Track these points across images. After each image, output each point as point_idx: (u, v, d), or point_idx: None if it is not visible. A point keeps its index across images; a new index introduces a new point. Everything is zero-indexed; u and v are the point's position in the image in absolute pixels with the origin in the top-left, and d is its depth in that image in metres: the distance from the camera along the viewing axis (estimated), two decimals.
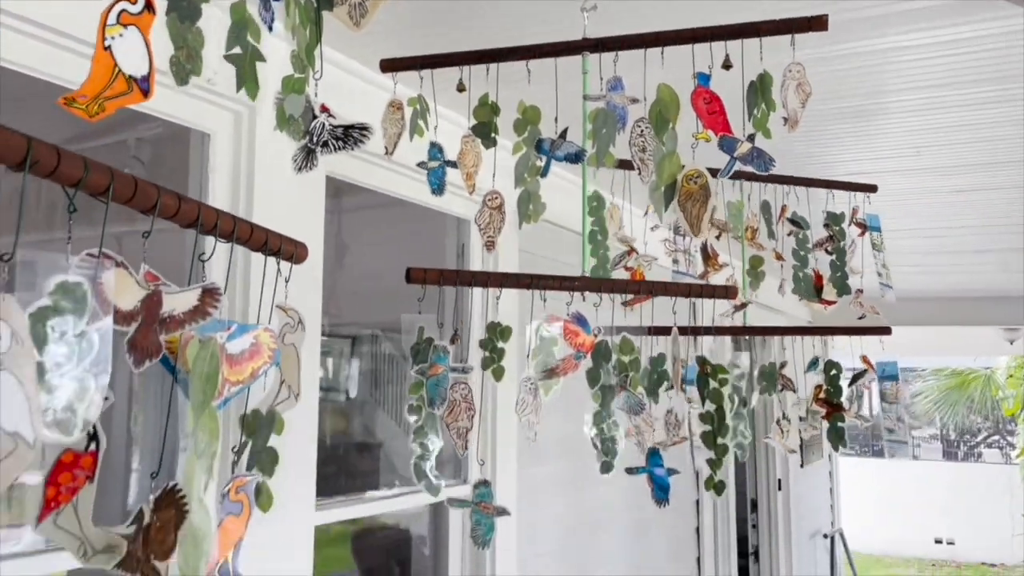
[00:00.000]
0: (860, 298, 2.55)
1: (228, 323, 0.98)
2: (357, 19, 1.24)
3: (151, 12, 0.86)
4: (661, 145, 1.72)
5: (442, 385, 1.57)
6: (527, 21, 1.98)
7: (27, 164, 0.72)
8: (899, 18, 1.89)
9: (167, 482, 0.88)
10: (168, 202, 0.88)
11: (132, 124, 2.03)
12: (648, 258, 2.43)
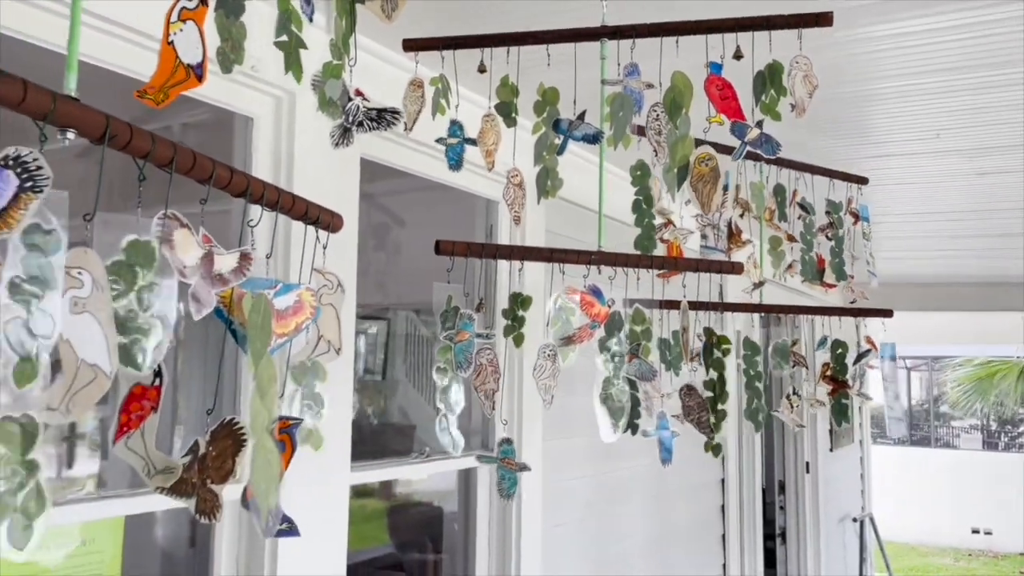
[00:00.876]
0: (852, 283, 2.67)
1: (274, 282, 1.12)
2: (389, 12, 1.36)
3: (204, 5, 0.99)
4: (675, 128, 1.83)
5: (468, 350, 1.69)
6: (544, 8, 2.08)
7: (106, 138, 0.86)
8: (911, 4, 1.97)
9: (225, 416, 1.02)
10: (222, 173, 1.01)
11: (177, 111, 2.17)
12: (684, 231, 2.51)
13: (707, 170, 1.88)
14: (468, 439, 2.98)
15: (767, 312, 2.58)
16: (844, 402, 2.44)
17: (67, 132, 0.83)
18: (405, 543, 4.03)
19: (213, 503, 1.01)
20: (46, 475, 0.77)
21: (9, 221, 0.76)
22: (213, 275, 1.00)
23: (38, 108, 0.78)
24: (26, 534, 0.76)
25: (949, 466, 16.17)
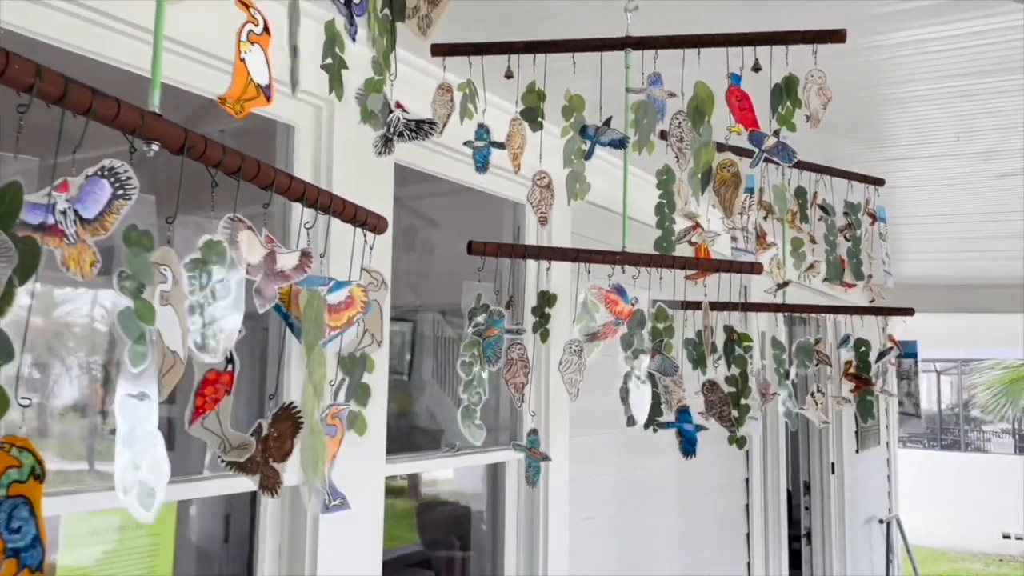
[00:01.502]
0: (870, 283, 2.72)
1: (328, 279, 1.22)
2: (424, 29, 1.46)
3: (268, 33, 1.10)
4: (698, 136, 1.93)
5: (497, 345, 1.79)
6: (568, 17, 2.16)
7: (184, 149, 0.96)
8: (927, 10, 2.03)
9: (284, 401, 1.12)
10: (282, 180, 1.12)
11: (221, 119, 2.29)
12: (711, 234, 2.59)
13: (729, 176, 1.98)
14: (497, 434, 3.09)
15: (791, 312, 2.65)
16: (868, 399, 2.51)
17: (152, 144, 0.93)
18: (433, 541, 4.13)
19: (275, 479, 1.11)
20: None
21: (105, 224, 0.87)
22: (275, 272, 1.11)
23: (129, 123, 0.89)
24: (150, 499, 0.86)
25: (980, 470, 16.00)
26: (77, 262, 0.84)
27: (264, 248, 1.09)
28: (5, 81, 0.76)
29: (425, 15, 1.45)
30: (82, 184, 0.86)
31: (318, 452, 1.17)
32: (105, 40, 1.62)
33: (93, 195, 0.86)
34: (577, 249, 1.82)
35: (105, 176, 0.87)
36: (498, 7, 2.06)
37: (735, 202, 2.01)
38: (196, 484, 1.83)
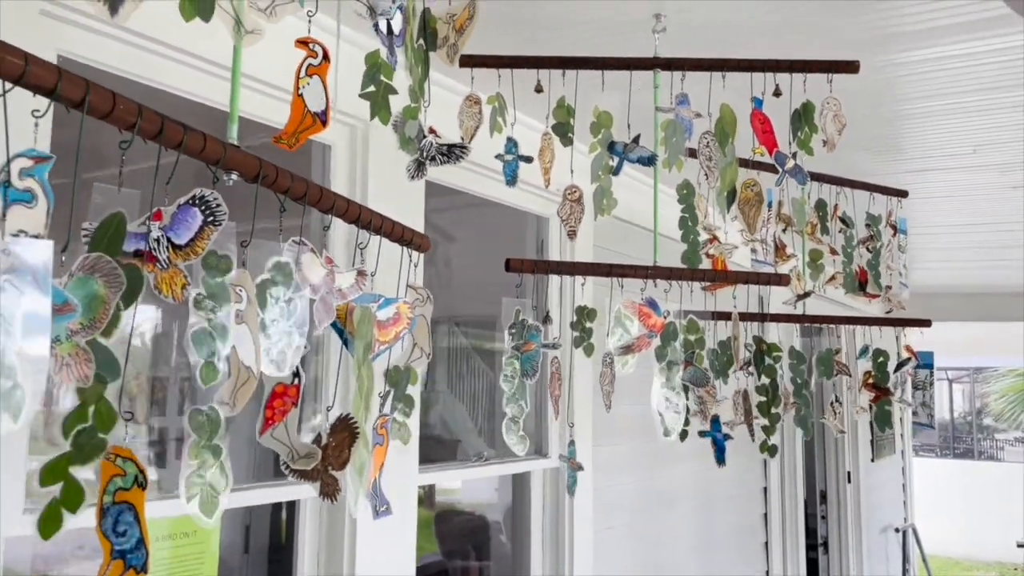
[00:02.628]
0: (888, 294, 2.76)
1: (377, 296, 1.28)
2: (452, 57, 1.53)
3: (327, 61, 1.16)
4: (723, 156, 1.99)
5: (534, 359, 1.84)
6: (594, 33, 2.21)
7: (259, 177, 1.02)
8: (948, 29, 2.09)
9: (341, 412, 1.18)
10: (340, 203, 1.18)
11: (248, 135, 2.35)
12: (729, 246, 2.65)
13: (752, 194, 2.05)
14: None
15: (811, 323, 2.69)
16: (887, 408, 2.55)
17: (231, 174, 0.99)
18: (451, 551, 4.18)
19: (334, 486, 1.17)
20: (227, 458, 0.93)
21: (197, 250, 0.93)
22: (335, 290, 1.17)
23: (213, 155, 0.95)
24: (213, 505, 0.92)
25: (994, 479, 15.91)
26: (169, 286, 0.90)
27: (324, 268, 1.15)
28: (111, 120, 0.82)
29: (453, 44, 1.52)
30: (175, 212, 0.92)
31: (366, 460, 1.23)
32: (171, 72, 1.70)
33: (185, 223, 0.92)
34: (611, 264, 1.88)
35: (196, 204, 0.93)
36: (527, 17, 2.10)
37: (758, 220, 2.08)
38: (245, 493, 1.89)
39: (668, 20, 2.03)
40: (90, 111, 0.79)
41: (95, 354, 0.81)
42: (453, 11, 1.59)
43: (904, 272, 3.00)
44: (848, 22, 2.07)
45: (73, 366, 0.79)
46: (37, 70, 0.74)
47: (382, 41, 1.40)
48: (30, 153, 0.77)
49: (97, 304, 0.80)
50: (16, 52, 0.73)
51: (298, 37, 1.13)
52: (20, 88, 0.76)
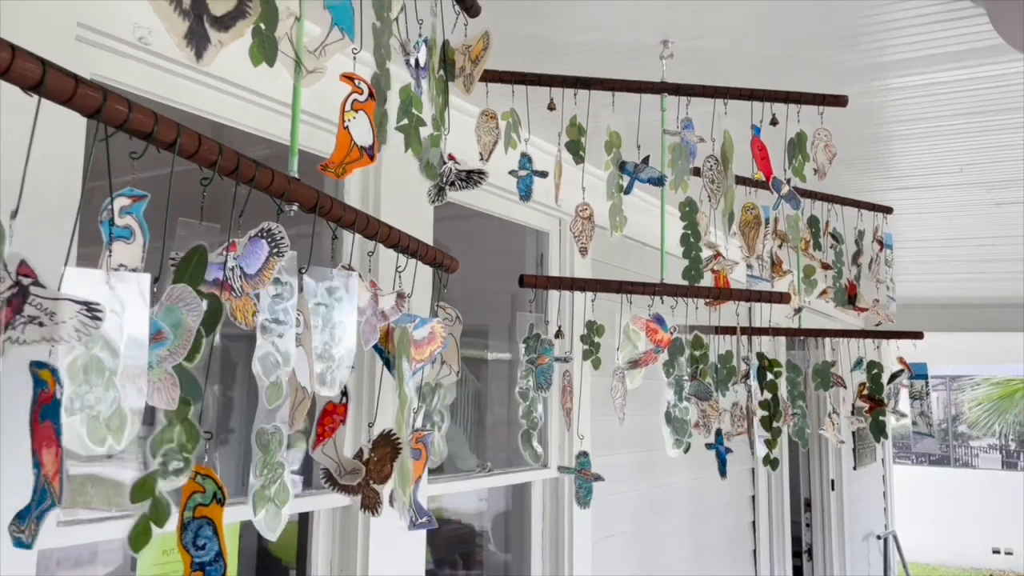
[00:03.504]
0: (876, 307, 2.86)
1: (414, 317, 1.34)
2: (468, 86, 1.60)
3: (373, 99, 1.22)
4: (724, 179, 2.08)
5: (548, 372, 1.91)
6: (603, 56, 2.28)
7: (317, 208, 1.08)
8: (937, 58, 2.19)
9: (384, 428, 1.24)
10: (383, 230, 1.24)
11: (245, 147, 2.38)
12: (730, 262, 2.73)
13: (751, 217, 2.15)
14: (513, 458, 3.20)
15: (810, 336, 2.78)
16: (881, 419, 2.64)
17: (292, 206, 1.05)
18: (440, 560, 4.22)
19: (375, 499, 1.22)
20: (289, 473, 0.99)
21: (264, 279, 0.98)
22: (379, 312, 1.23)
23: (278, 189, 1.01)
24: (277, 519, 0.98)
25: (969, 486, 16.16)
26: (243, 313, 0.96)
27: (370, 292, 1.21)
28: (196, 159, 0.88)
29: (469, 73, 1.58)
30: (246, 244, 0.98)
31: (407, 473, 1.29)
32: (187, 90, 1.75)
33: (255, 254, 0.97)
34: (620, 281, 1.95)
35: (264, 237, 0.99)
36: (538, 37, 2.16)
37: (757, 242, 2.17)
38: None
39: (675, 47, 2.11)
40: (179, 151, 0.85)
41: (180, 378, 0.86)
42: (469, 42, 1.65)
43: (891, 286, 3.10)
44: (842, 53, 2.16)
45: (163, 390, 0.84)
46: (140, 116, 0.80)
47: (411, 74, 1.46)
48: (128, 192, 0.82)
49: (182, 332, 0.86)
50: (121, 100, 0.79)
51: (343, 72, 1.19)
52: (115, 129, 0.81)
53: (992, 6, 1.75)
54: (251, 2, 0.98)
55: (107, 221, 0.82)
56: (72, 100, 0.77)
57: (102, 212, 0.84)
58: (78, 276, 0.78)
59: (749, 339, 2.68)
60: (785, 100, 2.01)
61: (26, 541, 0.82)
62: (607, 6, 1.96)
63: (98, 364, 0.78)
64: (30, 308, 0.75)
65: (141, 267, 0.83)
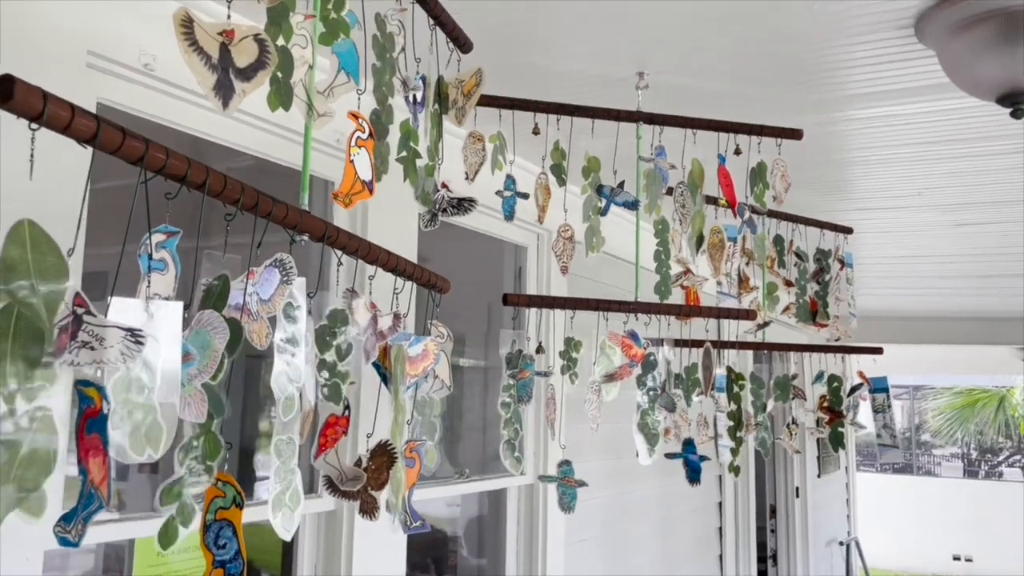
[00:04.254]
0: (837, 323, 3.00)
1: (408, 335, 1.44)
2: (460, 118, 1.71)
3: (372, 138, 1.33)
4: (693, 204, 2.22)
5: (529, 386, 2.02)
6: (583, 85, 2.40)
7: (325, 238, 1.19)
8: (897, 93, 2.33)
9: (381, 439, 1.34)
10: (383, 256, 1.34)
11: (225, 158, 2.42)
12: (700, 279, 2.86)
13: (717, 240, 2.30)
14: (497, 463, 3.31)
15: (773, 350, 2.92)
16: (840, 430, 2.78)
17: (303, 236, 1.15)
18: (413, 563, 4.30)
19: (372, 505, 1.33)
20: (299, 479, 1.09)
21: (275, 304, 1.09)
22: (378, 332, 1.33)
23: (292, 221, 1.11)
24: (291, 521, 1.08)
25: (931, 494, 16.51)
26: (259, 335, 1.06)
27: (370, 313, 1.32)
28: (222, 197, 0.98)
29: (461, 107, 1.69)
30: (262, 272, 1.08)
31: (399, 480, 1.39)
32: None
33: (268, 281, 1.08)
34: (599, 300, 2.07)
35: (276, 266, 1.09)
36: (521, 66, 2.27)
37: (722, 263, 2.33)
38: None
39: (650, 79, 2.24)
40: (207, 191, 0.95)
41: (207, 394, 0.96)
42: (462, 77, 1.76)
43: (852, 303, 3.25)
44: (805, 88, 2.31)
45: (193, 405, 0.94)
46: (175, 161, 0.90)
47: (410, 109, 1.57)
48: (163, 229, 0.92)
49: (210, 353, 0.96)
50: (160, 148, 0.89)
51: (350, 110, 1.29)
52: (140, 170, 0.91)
53: (941, 50, 1.89)
54: (270, 53, 1.08)
55: (145, 255, 0.92)
56: (120, 150, 0.86)
57: (140, 247, 0.94)
58: (121, 305, 0.88)
59: (718, 352, 2.82)
60: (748, 132, 2.17)
61: (72, 540, 0.91)
62: (588, 40, 2.08)
63: (139, 382, 0.88)
64: (83, 334, 0.85)
65: (173, 295, 0.92)
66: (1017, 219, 3.70)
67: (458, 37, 1.61)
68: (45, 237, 0.85)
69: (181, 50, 1.02)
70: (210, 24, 1.05)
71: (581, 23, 1.99)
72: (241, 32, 1.06)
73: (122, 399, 0.86)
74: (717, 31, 2.01)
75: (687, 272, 2.80)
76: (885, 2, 1.81)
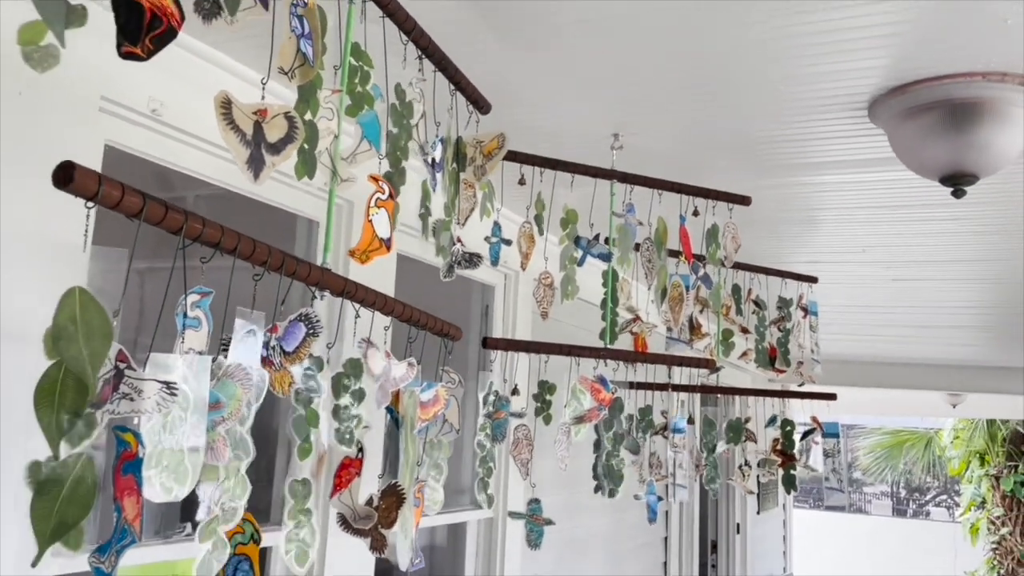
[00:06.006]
0: (800, 368, 3.16)
1: (419, 382, 1.54)
2: (479, 176, 1.83)
3: (392, 199, 1.44)
4: (658, 259, 2.39)
5: (504, 426, 2.13)
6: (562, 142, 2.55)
7: (344, 293, 1.29)
8: (846, 163, 2.54)
9: (389, 480, 1.44)
10: (397, 308, 1.45)
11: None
12: (649, 325, 3.01)
13: (677, 294, 2.46)
14: (458, 496, 3.39)
15: (730, 394, 3.08)
16: (792, 472, 2.94)
17: (323, 292, 1.26)
18: None
19: (382, 542, 1.42)
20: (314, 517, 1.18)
21: (300, 356, 1.18)
22: (392, 379, 1.43)
23: (313, 279, 1.21)
24: (305, 557, 1.17)
25: (863, 530, 17.00)
26: (280, 384, 1.15)
27: (384, 361, 1.42)
28: (251, 260, 1.08)
29: (480, 165, 1.82)
30: (286, 326, 1.18)
31: (408, 520, 1.48)
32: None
33: (293, 334, 1.18)
34: (571, 345, 2.19)
35: (302, 320, 1.19)
36: (507, 122, 2.41)
37: (680, 315, 2.49)
38: None
39: (624, 140, 2.40)
40: (239, 255, 1.05)
41: (230, 439, 1.06)
42: (481, 137, 1.88)
43: (816, 349, 3.38)
44: (763, 156, 2.51)
45: (218, 449, 1.04)
46: (210, 230, 1.00)
47: (427, 171, 1.68)
48: (198, 290, 1.02)
49: (235, 401, 1.05)
50: (197, 219, 0.99)
51: (370, 173, 1.40)
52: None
53: (891, 131, 2.09)
54: (297, 128, 1.19)
55: (181, 313, 1.02)
56: (163, 222, 0.97)
57: (177, 307, 1.04)
58: (159, 359, 0.97)
59: (671, 394, 2.97)
60: (704, 196, 2.39)
61: (106, 571, 0.99)
62: (570, 103, 2.23)
63: (171, 428, 0.97)
64: (124, 387, 0.94)
65: (205, 350, 1.02)
66: (949, 277, 3.97)
67: (477, 100, 1.73)
68: (93, 302, 0.93)
69: (219, 128, 1.12)
70: (246, 105, 1.15)
71: (565, 87, 2.14)
72: (273, 111, 1.17)
73: (155, 444, 0.95)
74: (686, 102, 2.18)
75: (636, 319, 2.95)
76: (841, 85, 2.00)
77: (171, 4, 0.99)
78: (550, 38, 1.87)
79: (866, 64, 1.87)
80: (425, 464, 1.59)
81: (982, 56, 1.79)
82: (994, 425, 11.59)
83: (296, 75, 1.22)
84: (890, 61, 1.85)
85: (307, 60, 1.21)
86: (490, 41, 1.89)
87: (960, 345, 6.30)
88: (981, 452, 11.88)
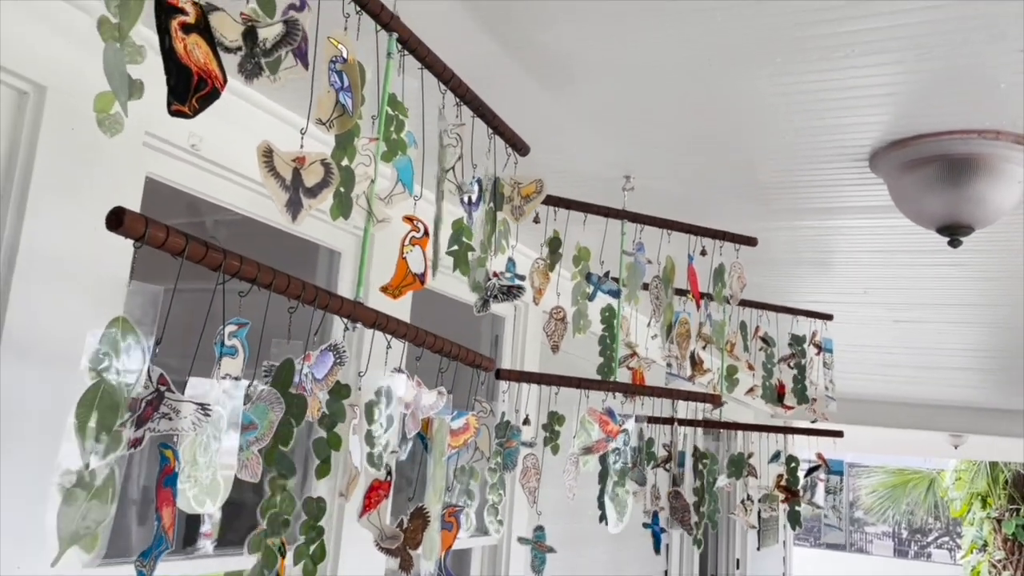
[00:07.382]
0: (814, 405, 3.22)
1: (450, 409, 1.63)
2: (518, 216, 1.93)
3: (427, 237, 1.54)
4: (665, 297, 2.48)
5: (515, 455, 2.21)
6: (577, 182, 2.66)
7: (375, 325, 1.39)
8: (851, 209, 2.64)
9: (417, 504, 1.52)
10: (429, 339, 1.54)
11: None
12: (648, 360, 3.09)
13: (684, 331, 2.56)
14: None
15: (735, 429, 3.14)
16: (796, 509, 3.00)
17: (356, 324, 1.35)
18: None
19: (410, 562, 1.50)
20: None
21: (329, 383, 1.28)
22: (421, 407, 1.52)
23: (346, 311, 1.31)
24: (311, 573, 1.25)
25: (863, 572, 16.88)
26: (312, 409, 1.25)
27: (415, 390, 1.51)
28: (286, 294, 1.18)
29: (518, 205, 1.92)
30: (317, 356, 1.27)
31: (434, 542, 1.56)
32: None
33: (323, 363, 1.27)
34: (580, 378, 2.28)
35: (331, 350, 1.28)
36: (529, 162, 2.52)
37: (687, 351, 2.59)
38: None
39: (635, 182, 2.51)
40: (274, 288, 1.15)
41: (276, 458, 1.15)
42: (519, 179, 1.98)
43: (831, 387, 3.37)
44: (767, 201, 2.61)
45: (249, 467, 1.13)
46: (247, 267, 1.10)
47: (464, 209, 1.78)
48: (235, 320, 1.12)
49: (267, 423, 1.15)
50: (235, 256, 1.09)
51: (405, 215, 1.51)
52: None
53: (891, 182, 2.19)
54: (333, 174, 1.29)
55: (219, 342, 1.11)
56: (204, 260, 1.07)
57: (216, 336, 1.13)
58: (197, 383, 1.07)
59: (674, 428, 3.03)
60: (712, 236, 2.48)
61: (147, 574, 1.08)
62: (585, 145, 2.34)
63: (206, 446, 1.06)
64: (164, 407, 1.04)
65: (241, 376, 1.12)
66: (950, 320, 4.06)
67: (516, 143, 1.83)
68: (132, 330, 1.03)
69: (261, 175, 1.22)
70: (285, 153, 1.25)
71: (580, 131, 2.25)
72: (310, 158, 1.27)
73: (190, 460, 1.05)
74: (695, 148, 2.29)
75: (633, 355, 3.03)
76: (845, 137, 2.11)
77: (216, 68, 1.09)
78: (565, 84, 1.99)
79: (868, 119, 1.98)
80: (456, 489, 1.67)
81: (977, 115, 1.90)
82: (996, 467, 11.59)
83: (334, 124, 1.32)
84: (890, 117, 1.96)
85: (346, 111, 1.31)
86: (509, 86, 2.00)
87: (962, 387, 6.37)
88: (983, 494, 11.88)
